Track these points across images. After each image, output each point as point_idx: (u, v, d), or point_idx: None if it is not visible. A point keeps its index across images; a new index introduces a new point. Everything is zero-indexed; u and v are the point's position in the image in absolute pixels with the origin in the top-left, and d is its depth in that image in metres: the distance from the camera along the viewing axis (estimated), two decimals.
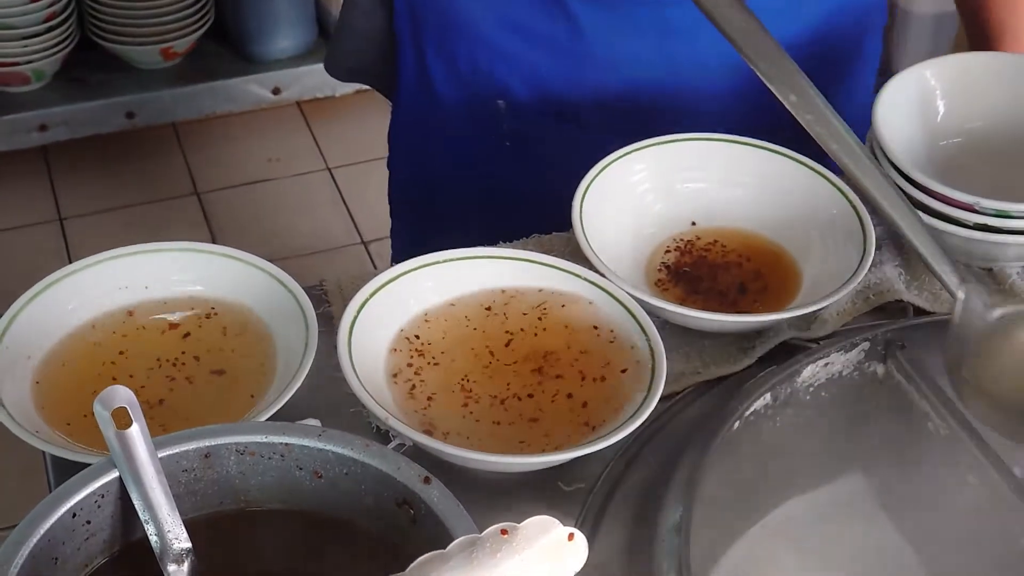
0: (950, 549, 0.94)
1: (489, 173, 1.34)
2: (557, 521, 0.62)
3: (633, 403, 0.95)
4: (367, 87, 1.50)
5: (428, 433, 0.92)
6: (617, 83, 1.25)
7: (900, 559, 0.95)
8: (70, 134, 2.73)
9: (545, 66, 1.26)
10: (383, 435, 0.96)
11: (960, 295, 0.97)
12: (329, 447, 0.79)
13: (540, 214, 1.15)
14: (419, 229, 1.46)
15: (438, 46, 1.30)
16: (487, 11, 1.26)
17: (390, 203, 1.51)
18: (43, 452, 0.93)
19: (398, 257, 1.47)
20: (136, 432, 0.74)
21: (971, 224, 1.08)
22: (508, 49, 1.26)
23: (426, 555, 0.60)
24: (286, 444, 0.79)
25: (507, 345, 1.00)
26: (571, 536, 0.62)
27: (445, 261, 1.03)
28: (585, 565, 0.90)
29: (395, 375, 0.98)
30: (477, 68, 1.29)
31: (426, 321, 1.01)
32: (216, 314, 1.01)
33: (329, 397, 0.98)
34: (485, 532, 0.60)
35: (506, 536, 0.60)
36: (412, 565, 0.60)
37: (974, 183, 1.10)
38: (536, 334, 1.01)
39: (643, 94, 1.24)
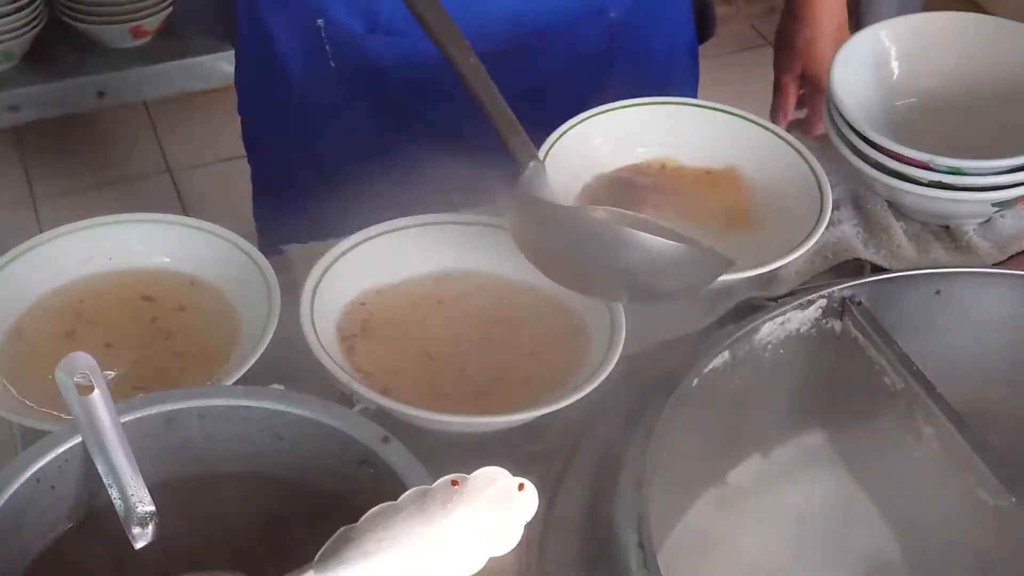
0: (907, 499, 0.95)
1: (322, 101, 1.32)
2: (506, 472, 0.63)
3: (593, 362, 0.96)
4: None
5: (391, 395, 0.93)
6: None
7: (859, 510, 0.97)
8: (41, 114, 2.72)
9: None
10: (348, 400, 0.97)
11: (530, 164, 0.99)
12: (289, 409, 0.80)
13: (378, 133, 1.14)
14: (275, 169, 1.44)
15: None
16: None
17: (245, 148, 1.49)
18: (11, 424, 0.94)
19: (258, 200, 1.47)
20: (98, 398, 0.75)
21: (926, 182, 1.10)
22: None
23: (378, 506, 0.61)
24: (247, 407, 0.80)
25: (463, 309, 1.02)
26: (521, 486, 0.63)
27: (403, 228, 1.04)
28: (548, 522, 0.92)
29: (350, 340, 0.99)
30: None
31: (386, 286, 1.02)
32: (179, 284, 1.02)
33: (295, 364, 0.98)
34: (436, 483, 0.61)
35: (456, 487, 0.61)
36: (364, 516, 0.61)
37: (929, 142, 1.12)
38: (493, 297, 1.02)
39: None
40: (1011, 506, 0.89)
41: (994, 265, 1.12)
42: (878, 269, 1.10)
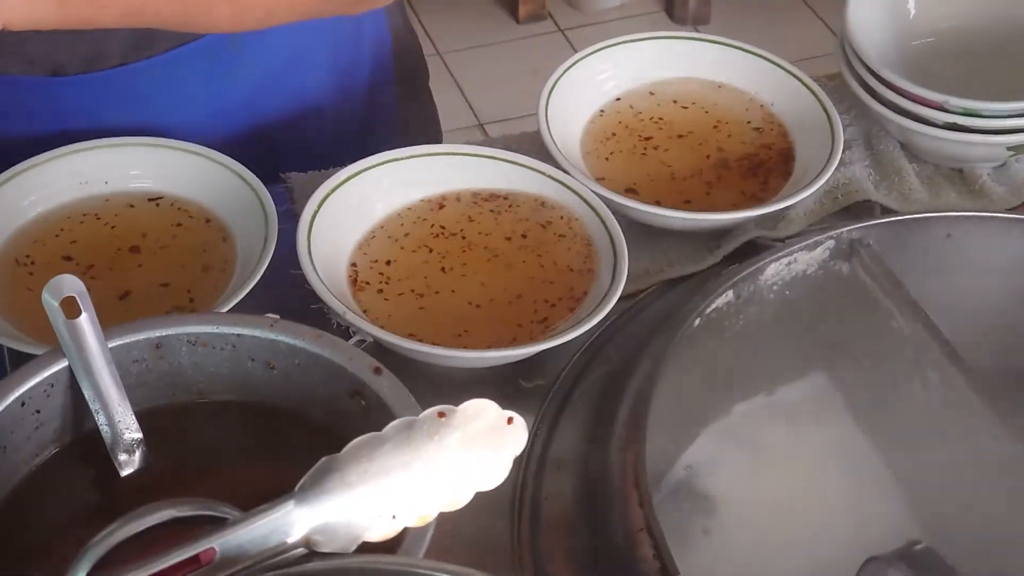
0: (910, 444, 0.94)
1: None
2: (495, 404, 0.62)
3: (594, 300, 0.94)
4: None
5: (388, 330, 0.91)
6: None
7: (861, 454, 0.95)
8: None
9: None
10: (344, 332, 0.95)
11: None
12: (281, 337, 0.78)
13: None
14: None
15: None
16: None
17: None
18: (1, 347, 0.93)
19: None
20: (85, 321, 0.73)
21: (941, 123, 1.08)
22: None
23: (362, 437, 0.59)
24: (238, 335, 0.78)
25: (464, 244, 1.00)
26: (510, 420, 0.61)
27: (407, 158, 1.02)
28: (544, 461, 0.90)
29: (353, 273, 0.97)
30: None
31: (386, 218, 1.01)
32: (176, 210, 1.01)
33: (291, 295, 0.97)
34: (422, 415, 0.60)
35: (443, 419, 0.60)
36: (348, 447, 0.59)
37: (945, 82, 1.09)
38: (495, 233, 1.01)
39: None
40: (1015, 455, 0.88)
41: (1007, 210, 1.09)
42: (888, 211, 1.07)
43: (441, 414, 0.60)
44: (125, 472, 0.76)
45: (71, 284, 0.73)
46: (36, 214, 0.99)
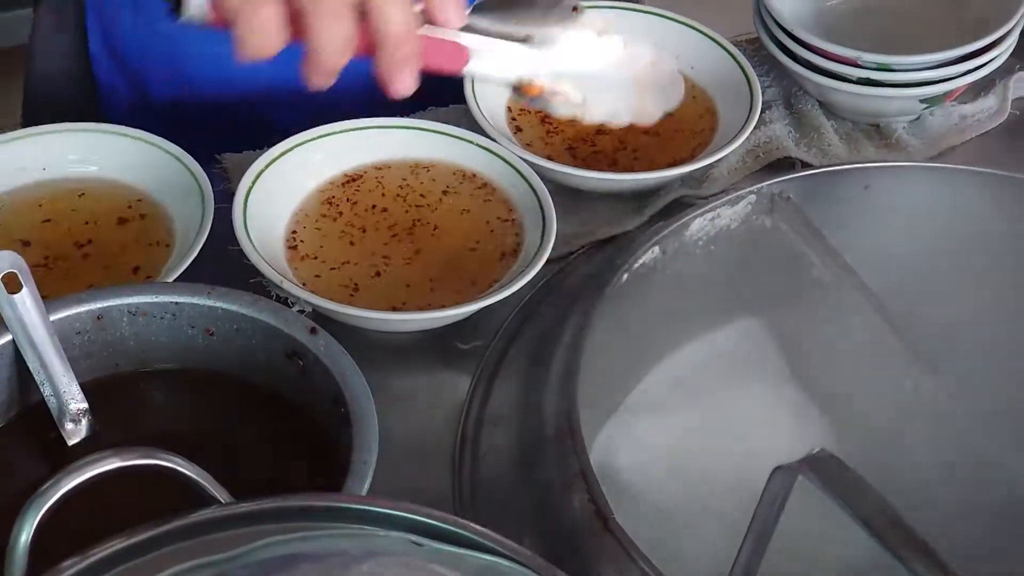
0: (838, 387, 0.96)
1: None
2: None
3: (523, 262, 0.97)
4: None
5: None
6: None
7: (791, 398, 0.98)
8: None
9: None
10: (284, 303, 0.97)
11: None
12: (218, 304, 0.81)
13: None
14: None
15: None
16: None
17: None
18: None
19: None
20: (27, 296, 0.76)
21: (855, 79, 1.11)
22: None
23: None
24: (176, 303, 0.81)
25: (396, 215, 1.02)
26: None
27: (338, 132, 1.05)
28: (481, 419, 0.93)
29: (290, 246, 0.99)
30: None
31: (319, 191, 1.03)
32: (114, 193, 1.02)
33: (230, 271, 0.98)
34: None
35: None
36: None
37: (860, 41, 1.12)
38: (424, 203, 1.03)
39: None
40: (934, 393, 0.91)
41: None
42: (809, 167, 1.10)
43: None
44: (72, 441, 0.78)
45: (11, 260, 0.75)
46: None
